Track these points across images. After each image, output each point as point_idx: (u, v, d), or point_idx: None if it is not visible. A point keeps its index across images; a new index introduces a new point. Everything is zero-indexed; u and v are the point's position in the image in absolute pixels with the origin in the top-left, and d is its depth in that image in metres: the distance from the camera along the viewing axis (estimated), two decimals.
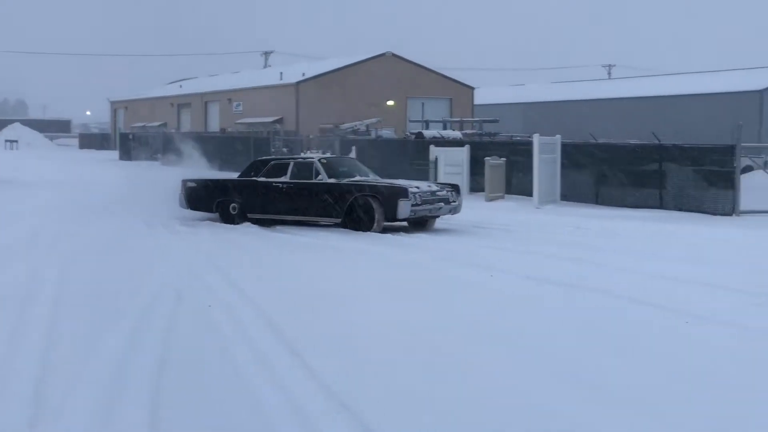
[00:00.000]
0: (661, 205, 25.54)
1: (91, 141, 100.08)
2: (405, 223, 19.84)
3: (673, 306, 10.64)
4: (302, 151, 42.26)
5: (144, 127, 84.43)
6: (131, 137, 69.93)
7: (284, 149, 50.02)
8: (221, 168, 47.75)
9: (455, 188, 20.20)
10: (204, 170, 46.67)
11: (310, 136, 53.29)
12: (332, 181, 19.69)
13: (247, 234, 18.77)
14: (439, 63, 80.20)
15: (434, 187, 19.77)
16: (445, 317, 10.13)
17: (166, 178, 26.82)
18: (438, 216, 19.84)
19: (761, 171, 28.58)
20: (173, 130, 76.77)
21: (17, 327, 9.41)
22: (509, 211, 25.04)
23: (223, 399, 7.07)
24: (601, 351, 8.58)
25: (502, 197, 28.97)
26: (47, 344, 8.70)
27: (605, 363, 8.14)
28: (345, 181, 19.69)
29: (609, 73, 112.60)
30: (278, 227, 19.97)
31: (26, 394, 7.13)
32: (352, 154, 36.23)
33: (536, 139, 26.94)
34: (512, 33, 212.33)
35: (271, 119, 68.66)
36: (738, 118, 32.02)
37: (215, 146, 53.62)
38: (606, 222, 21.58)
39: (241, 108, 74.91)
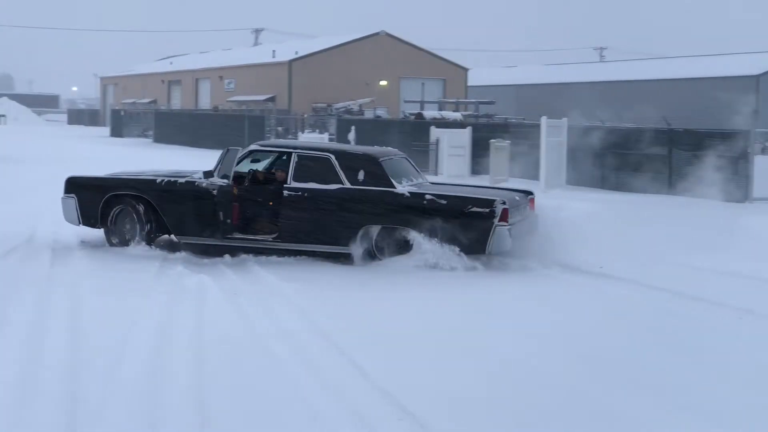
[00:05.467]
0: (669, 189, 25.16)
1: (80, 117, 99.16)
2: None
3: None
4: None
5: (134, 103, 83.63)
6: (122, 114, 69.35)
7: (279, 128, 49.51)
8: (216, 147, 47.29)
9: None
10: (197, 148, 46.30)
11: (305, 115, 52.75)
12: None
13: None
14: (431, 43, 79.49)
15: None
16: None
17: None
18: None
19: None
20: (163, 107, 76.12)
21: None
22: None
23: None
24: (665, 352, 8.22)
25: (505, 180, 28.55)
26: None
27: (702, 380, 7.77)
28: None
29: (601, 56, 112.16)
30: None
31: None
32: (351, 135, 35.76)
33: (544, 121, 26.54)
34: (505, 13, 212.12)
35: (263, 97, 68.04)
36: (734, 103, 31.63)
37: (208, 124, 53.06)
38: (624, 207, 20.99)
39: (233, 85, 74.20)
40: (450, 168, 29.61)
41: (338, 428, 6.21)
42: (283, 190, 13.03)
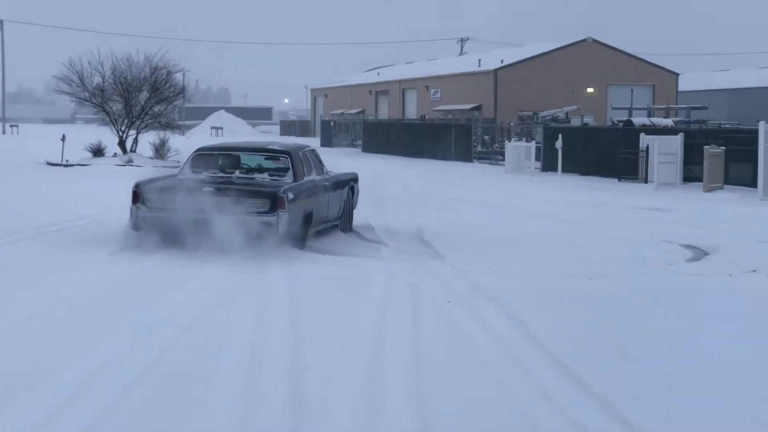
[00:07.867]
0: None
1: (291, 128, 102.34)
2: None
3: None
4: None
5: (342, 114, 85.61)
6: (332, 124, 71.30)
7: (485, 137, 49.59)
8: (423, 156, 47.82)
9: None
10: (403, 157, 47.04)
11: (511, 124, 52.60)
12: None
13: None
14: (640, 48, 77.70)
15: None
16: None
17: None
18: None
19: None
20: (371, 117, 77.56)
21: None
22: (734, 203, 23.85)
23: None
24: None
25: (720, 188, 27.68)
26: None
27: None
28: None
29: None
30: None
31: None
32: (558, 143, 35.43)
33: (762, 126, 25.56)
34: (715, 15, 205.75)
35: (469, 106, 68.26)
36: None
37: (415, 134, 53.66)
38: None
39: (438, 95, 74.80)
40: (660, 175, 28.92)
41: None
42: None
